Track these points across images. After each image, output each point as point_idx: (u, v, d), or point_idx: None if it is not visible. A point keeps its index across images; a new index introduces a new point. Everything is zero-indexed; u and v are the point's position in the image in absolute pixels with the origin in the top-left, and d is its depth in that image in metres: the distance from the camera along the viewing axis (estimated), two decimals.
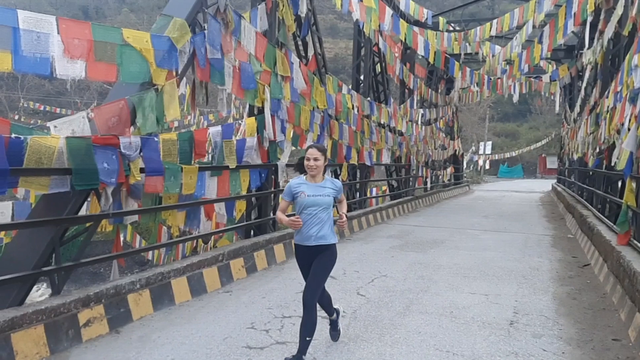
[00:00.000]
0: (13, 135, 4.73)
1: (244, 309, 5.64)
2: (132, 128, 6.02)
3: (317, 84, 10.29)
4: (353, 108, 12.54)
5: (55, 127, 5.64)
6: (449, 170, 26.40)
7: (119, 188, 5.77)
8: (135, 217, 6.70)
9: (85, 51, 5.14)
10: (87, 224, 5.92)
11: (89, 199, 5.85)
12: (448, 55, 16.38)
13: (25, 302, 5.07)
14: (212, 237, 9.35)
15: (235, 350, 4.41)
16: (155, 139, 6.14)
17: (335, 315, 4.57)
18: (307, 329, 4.00)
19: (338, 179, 12.62)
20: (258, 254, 7.71)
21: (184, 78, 6.66)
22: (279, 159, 9.14)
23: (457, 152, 28.35)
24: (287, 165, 9.71)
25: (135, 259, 17.44)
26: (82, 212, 5.89)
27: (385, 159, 15.49)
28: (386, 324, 5.17)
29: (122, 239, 8.37)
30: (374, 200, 16.25)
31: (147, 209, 6.60)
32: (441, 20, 17.93)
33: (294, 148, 10.08)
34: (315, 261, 4.10)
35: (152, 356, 4.30)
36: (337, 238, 4.20)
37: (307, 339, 4.01)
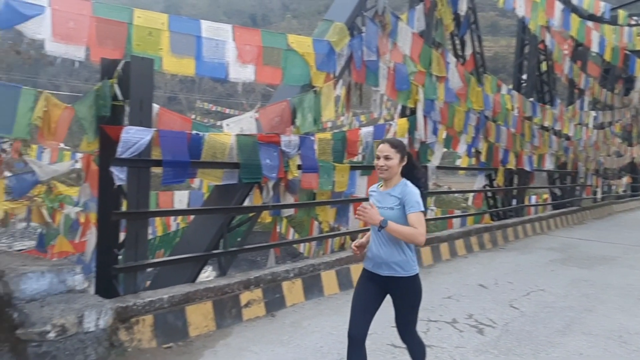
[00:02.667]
0: (194, 132, 5.38)
1: (389, 308, 5.61)
2: (291, 127, 6.44)
3: (474, 84, 9.91)
4: (513, 109, 11.81)
5: (227, 125, 6.28)
6: (625, 180, 23.42)
7: (278, 183, 6.21)
8: (292, 211, 7.14)
9: (255, 56, 5.64)
10: (250, 214, 6.48)
11: (251, 192, 6.40)
12: (628, 52, 14.56)
13: (196, 280, 5.75)
14: (360, 235, 9.56)
15: (380, 346, 4.47)
16: (312, 138, 6.48)
17: None
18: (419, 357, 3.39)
19: (493, 184, 12.04)
20: None
21: (340, 80, 6.93)
22: (430, 160, 9.01)
23: (635, 160, 25.04)
24: (438, 168, 9.52)
25: (288, 251, 18.53)
26: (246, 203, 6.46)
27: (548, 164, 14.31)
28: (542, 340, 4.80)
29: (277, 230, 9.00)
30: (532, 208, 15.12)
31: (303, 204, 6.99)
32: (621, 13, 15.96)
33: (445, 150, 9.85)
34: (396, 301, 3.24)
35: (303, 341, 4.56)
36: (415, 267, 3.15)
37: None
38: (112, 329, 4.08)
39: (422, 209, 3.06)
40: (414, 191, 3.08)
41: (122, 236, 4.95)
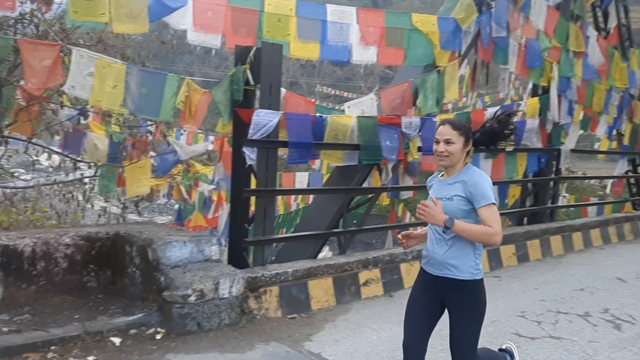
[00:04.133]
0: (317, 115, 5.55)
1: (514, 296, 5.45)
2: (413, 109, 6.37)
3: (617, 59, 8.97)
4: None
5: (348, 107, 6.39)
6: None
7: (398, 165, 6.20)
8: (410, 193, 7.09)
9: (377, 38, 5.66)
10: (369, 196, 6.56)
11: (371, 174, 6.46)
12: None
13: (317, 257, 5.98)
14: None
15: (503, 334, 4.33)
16: (434, 120, 6.34)
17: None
18: None
19: (637, 170, 10.84)
20: (531, 243, 7.28)
21: (465, 58, 6.68)
22: (563, 143, 8.38)
23: None
24: (573, 151, 8.82)
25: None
26: (365, 185, 6.54)
27: None
28: None
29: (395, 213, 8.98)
30: None
31: (422, 186, 6.89)
32: None
33: (582, 132, 9.08)
34: (450, 314, 2.67)
35: None
36: (477, 271, 2.60)
37: None
38: (243, 296, 4.42)
39: (494, 200, 2.52)
40: (481, 179, 2.54)
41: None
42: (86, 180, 8.08)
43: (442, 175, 2.72)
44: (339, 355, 3.87)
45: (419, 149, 6.25)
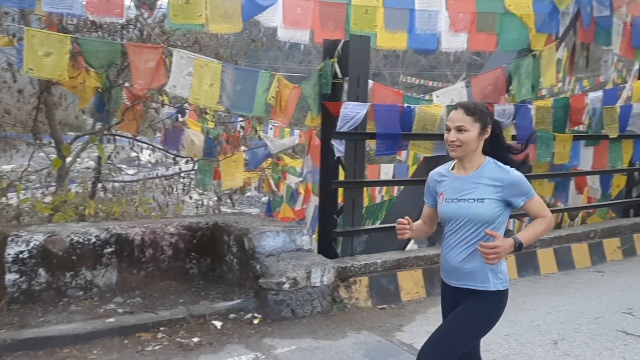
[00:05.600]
0: (405, 105, 5.50)
1: (619, 292, 5.11)
2: (506, 96, 6.12)
3: None
4: None
5: (437, 96, 6.26)
6: None
7: None
8: None
9: (468, 23, 5.51)
10: None
11: None
12: None
13: (406, 249, 5.95)
14: (581, 212, 8.68)
15: (608, 332, 4.08)
16: (529, 106, 6.06)
17: None
18: None
19: None
20: (638, 236, 6.76)
21: (563, 41, 6.31)
22: None
23: None
24: None
25: None
26: None
27: None
28: None
29: None
30: None
31: None
32: None
33: None
34: (457, 309, 2.37)
35: (517, 317, 4.40)
36: (500, 280, 2.32)
37: None
38: (333, 286, 4.52)
39: (533, 190, 2.31)
40: (517, 176, 2.27)
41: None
42: (183, 174, 8.61)
43: (453, 169, 2.40)
44: None
45: (513, 138, 6.00)
